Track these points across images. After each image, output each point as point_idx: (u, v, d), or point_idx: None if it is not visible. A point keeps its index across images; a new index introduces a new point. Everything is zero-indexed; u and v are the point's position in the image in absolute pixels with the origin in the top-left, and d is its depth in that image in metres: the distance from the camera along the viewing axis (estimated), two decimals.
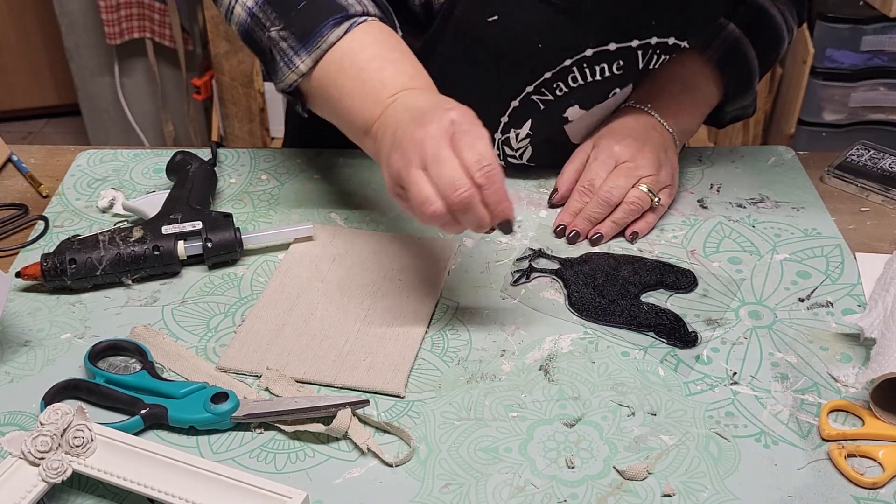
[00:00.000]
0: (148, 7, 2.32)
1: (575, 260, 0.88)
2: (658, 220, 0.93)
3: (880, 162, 1.01)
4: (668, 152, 0.94)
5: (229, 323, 0.81)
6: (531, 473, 0.67)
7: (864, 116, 2.09)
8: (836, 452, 0.68)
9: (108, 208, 0.95)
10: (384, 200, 0.96)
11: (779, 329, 0.80)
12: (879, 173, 0.99)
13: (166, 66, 2.45)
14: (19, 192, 1.00)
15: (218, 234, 0.86)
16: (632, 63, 0.91)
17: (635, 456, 0.69)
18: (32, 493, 0.62)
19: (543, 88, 0.92)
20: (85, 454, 0.65)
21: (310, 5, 0.82)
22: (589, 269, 0.86)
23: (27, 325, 0.81)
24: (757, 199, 0.96)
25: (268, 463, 0.68)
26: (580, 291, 0.83)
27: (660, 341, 0.79)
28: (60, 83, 2.82)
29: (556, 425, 0.71)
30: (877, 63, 2.03)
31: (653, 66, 0.93)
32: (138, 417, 0.70)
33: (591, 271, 0.86)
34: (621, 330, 0.80)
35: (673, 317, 0.80)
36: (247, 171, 1.02)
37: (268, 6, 0.84)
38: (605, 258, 0.88)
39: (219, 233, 0.87)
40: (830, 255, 0.89)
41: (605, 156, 0.93)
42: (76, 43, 2.42)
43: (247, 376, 0.75)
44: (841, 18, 1.96)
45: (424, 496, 0.66)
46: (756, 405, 0.73)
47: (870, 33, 1.98)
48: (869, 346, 0.76)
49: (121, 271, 0.84)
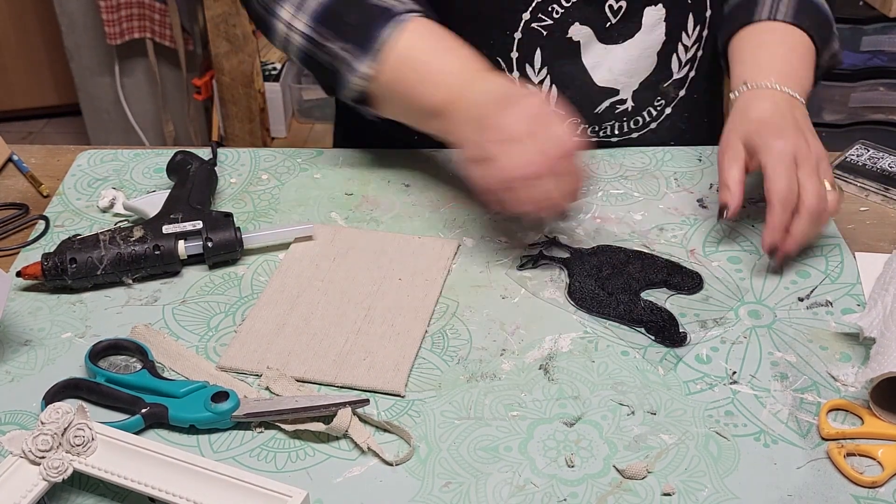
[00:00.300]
0: (148, 7, 2.32)
1: (585, 251, 0.88)
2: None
3: (880, 162, 1.01)
4: (809, 124, 0.87)
5: (230, 322, 0.81)
6: (531, 472, 0.67)
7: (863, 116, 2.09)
8: (835, 451, 0.68)
9: (109, 208, 0.95)
10: (384, 200, 0.96)
11: (778, 328, 0.80)
12: (879, 173, 0.99)
13: (166, 66, 2.45)
14: (20, 191, 1.00)
15: (218, 233, 0.87)
16: None
17: (635, 455, 0.69)
18: (33, 492, 0.63)
19: (540, 14, 0.93)
20: (85, 453, 0.65)
21: (359, 15, 0.88)
22: (597, 262, 0.86)
23: (28, 324, 0.81)
24: (757, 198, 0.96)
25: (268, 462, 0.68)
26: (582, 282, 0.84)
27: (649, 338, 0.79)
28: (61, 83, 2.82)
29: (556, 424, 0.71)
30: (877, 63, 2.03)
31: None
32: (139, 416, 0.70)
33: (599, 264, 0.86)
34: (619, 328, 0.80)
35: (667, 316, 0.80)
36: (247, 170, 1.02)
37: (321, 26, 0.90)
38: (616, 252, 0.88)
39: (219, 232, 0.87)
40: (830, 254, 0.89)
41: (779, 158, 0.82)
42: (76, 43, 2.42)
43: (247, 375, 0.76)
44: (841, 18, 1.96)
45: (424, 495, 0.66)
46: (756, 404, 0.73)
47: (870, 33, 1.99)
48: (868, 346, 0.77)
49: (121, 271, 0.84)
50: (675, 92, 1.04)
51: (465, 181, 0.99)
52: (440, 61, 0.86)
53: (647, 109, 1.03)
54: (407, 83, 0.87)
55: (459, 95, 0.84)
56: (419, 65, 0.87)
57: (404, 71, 0.87)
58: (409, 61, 0.87)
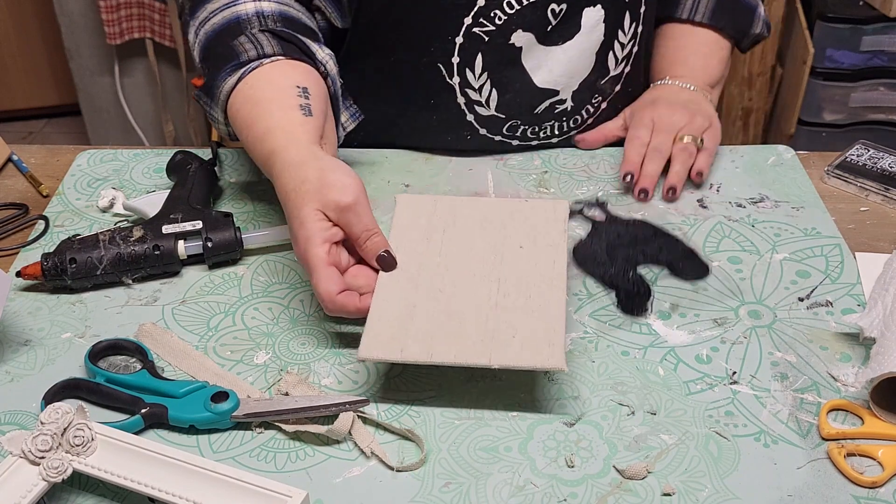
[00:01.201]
0: (148, 7, 2.32)
1: (620, 218, 0.91)
2: (713, 159, 1.00)
3: (880, 162, 1.01)
4: (699, 104, 1.02)
5: (229, 322, 0.81)
6: (531, 473, 0.67)
7: (864, 116, 2.09)
8: (835, 452, 0.68)
9: (109, 208, 0.95)
10: (384, 200, 0.96)
11: (778, 328, 0.80)
12: (879, 173, 0.99)
13: (166, 66, 2.45)
14: (20, 191, 1.00)
15: (218, 233, 0.87)
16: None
17: (635, 455, 0.69)
18: (33, 492, 0.63)
19: (482, 18, 0.93)
20: (85, 453, 0.65)
21: (216, 58, 0.88)
22: (622, 230, 0.88)
23: (27, 324, 0.81)
24: (757, 198, 0.96)
25: (268, 462, 0.68)
26: (594, 242, 0.86)
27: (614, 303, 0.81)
28: (61, 83, 2.82)
29: (556, 425, 0.71)
30: (877, 63, 2.03)
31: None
32: (139, 417, 0.70)
33: (623, 232, 0.88)
34: (618, 329, 0.80)
35: (644, 290, 0.82)
36: (247, 170, 1.02)
37: (203, 62, 0.91)
38: (646, 227, 0.89)
39: (219, 232, 0.87)
40: (830, 254, 0.89)
41: (642, 124, 1.00)
42: (76, 43, 2.42)
43: (258, 376, 0.75)
44: (841, 18, 1.96)
45: (424, 495, 0.66)
46: (756, 404, 0.73)
47: (870, 33, 1.98)
48: (868, 346, 0.77)
49: (121, 271, 0.84)
50: (610, 88, 1.05)
51: (464, 181, 0.99)
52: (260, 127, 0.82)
53: (586, 107, 1.04)
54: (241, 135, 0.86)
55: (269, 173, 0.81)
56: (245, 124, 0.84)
57: (237, 124, 0.86)
58: (239, 118, 0.85)
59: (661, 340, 0.79)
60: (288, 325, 0.81)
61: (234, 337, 0.80)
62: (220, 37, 0.89)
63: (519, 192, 0.98)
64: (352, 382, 0.75)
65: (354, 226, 0.75)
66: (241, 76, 0.85)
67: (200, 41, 0.91)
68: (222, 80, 0.86)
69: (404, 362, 0.71)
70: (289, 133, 0.80)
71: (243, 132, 0.85)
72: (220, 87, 0.86)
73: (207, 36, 0.90)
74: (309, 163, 0.77)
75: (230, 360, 0.77)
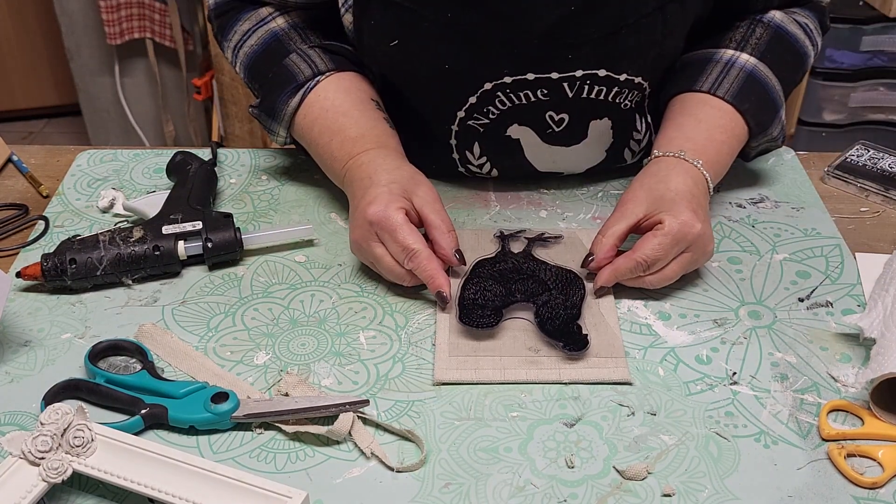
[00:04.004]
0: (148, 7, 2.32)
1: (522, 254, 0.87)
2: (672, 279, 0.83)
3: (880, 162, 1.01)
4: (705, 202, 0.85)
5: (229, 323, 0.81)
6: (531, 473, 0.67)
7: (863, 116, 2.10)
8: (835, 452, 0.68)
9: (109, 208, 0.95)
10: None
11: (778, 329, 0.80)
12: (879, 173, 0.99)
13: (166, 66, 2.45)
14: (19, 192, 1.00)
15: (218, 234, 0.87)
16: (558, 91, 0.87)
17: (635, 456, 0.69)
18: (33, 492, 0.63)
19: (475, 113, 0.91)
20: (85, 454, 0.65)
21: (271, 79, 0.93)
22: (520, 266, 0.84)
23: (27, 325, 0.81)
24: (757, 199, 0.96)
25: (268, 463, 0.68)
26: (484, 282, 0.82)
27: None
28: (61, 83, 2.82)
29: (556, 425, 0.71)
30: (877, 63, 2.03)
31: (594, 95, 0.88)
32: (138, 417, 0.70)
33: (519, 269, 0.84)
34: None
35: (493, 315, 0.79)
36: (247, 171, 1.02)
37: (251, 81, 0.97)
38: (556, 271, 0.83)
39: (219, 233, 0.87)
40: (830, 255, 0.89)
41: (672, 239, 0.80)
42: (76, 43, 2.42)
43: (258, 377, 0.76)
44: (841, 18, 1.96)
45: (424, 496, 0.66)
46: (756, 405, 0.73)
47: (870, 33, 1.99)
48: (868, 346, 0.77)
49: (121, 271, 0.84)
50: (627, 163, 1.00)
51: (464, 182, 0.99)
52: (327, 143, 0.90)
53: None
54: (311, 149, 0.94)
55: (341, 182, 0.90)
56: (313, 139, 0.92)
57: (306, 139, 0.93)
58: (307, 134, 0.92)
59: (661, 341, 0.79)
60: (288, 326, 0.81)
61: (234, 337, 0.80)
62: (266, 56, 0.94)
63: (519, 193, 0.98)
64: (352, 383, 0.75)
65: (436, 214, 0.82)
66: (304, 95, 0.91)
67: (242, 62, 0.96)
68: (283, 103, 0.92)
69: (480, 382, 0.75)
70: (381, 141, 0.89)
71: (323, 137, 0.91)
72: (282, 109, 0.92)
73: (249, 57, 0.95)
74: (403, 167, 0.86)
75: (230, 361, 0.77)
